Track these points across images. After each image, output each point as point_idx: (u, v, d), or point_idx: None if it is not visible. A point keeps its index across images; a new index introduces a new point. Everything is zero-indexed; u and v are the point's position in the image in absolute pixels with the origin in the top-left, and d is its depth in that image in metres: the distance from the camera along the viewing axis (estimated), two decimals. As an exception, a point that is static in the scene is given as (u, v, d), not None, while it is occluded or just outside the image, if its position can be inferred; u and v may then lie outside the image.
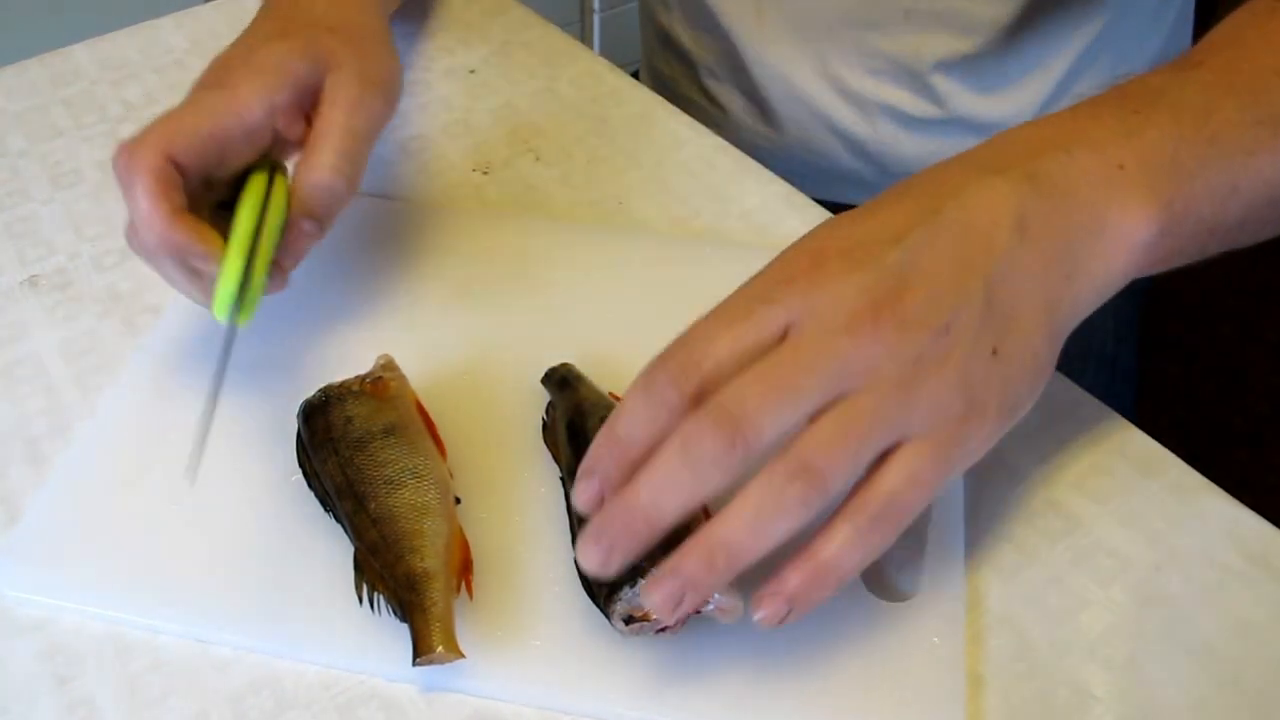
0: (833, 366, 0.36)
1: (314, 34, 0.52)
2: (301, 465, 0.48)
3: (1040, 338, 0.39)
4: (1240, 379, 1.58)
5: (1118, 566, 0.47)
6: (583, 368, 0.52)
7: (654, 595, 0.37)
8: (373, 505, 0.44)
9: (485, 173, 0.67)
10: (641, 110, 0.71)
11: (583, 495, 0.38)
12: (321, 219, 0.50)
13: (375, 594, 0.44)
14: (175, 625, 0.46)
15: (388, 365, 0.51)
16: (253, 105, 0.49)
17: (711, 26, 0.80)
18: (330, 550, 0.47)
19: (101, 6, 0.97)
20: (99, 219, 0.65)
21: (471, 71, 0.75)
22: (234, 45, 0.54)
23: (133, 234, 0.49)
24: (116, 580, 0.46)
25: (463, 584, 0.44)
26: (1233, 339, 1.62)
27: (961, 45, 0.72)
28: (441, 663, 0.41)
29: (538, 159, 0.68)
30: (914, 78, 0.74)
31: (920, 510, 0.38)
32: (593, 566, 0.38)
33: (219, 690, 0.44)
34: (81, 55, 0.77)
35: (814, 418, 0.36)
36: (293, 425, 0.50)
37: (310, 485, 0.48)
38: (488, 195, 0.65)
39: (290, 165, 0.52)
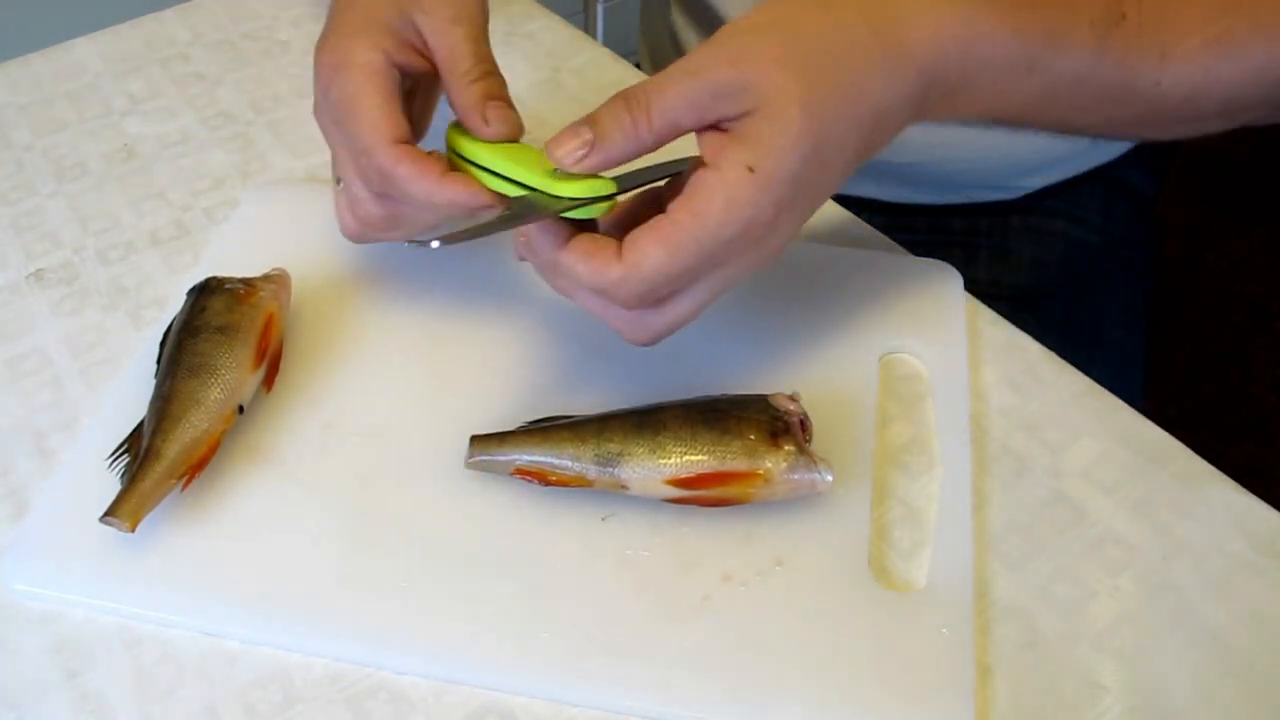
0: None
1: None
2: (165, 332, 0.53)
3: None
4: (1249, 368, 1.57)
5: (1126, 556, 0.47)
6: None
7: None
8: (168, 383, 0.49)
9: (490, 164, 0.66)
10: (646, 101, 0.71)
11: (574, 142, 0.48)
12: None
13: (122, 453, 0.48)
14: (184, 618, 0.46)
15: (271, 276, 0.54)
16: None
17: (718, 24, 0.80)
18: (336, 545, 0.47)
19: (104, 0, 0.97)
20: (104, 213, 0.65)
21: (475, 63, 0.74)
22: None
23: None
24: (125, 573, 0.46)
25: (185, 479, 0.47)
26: (1241, 328, 1.62)
27: None
28: (117, 528, 0.45)
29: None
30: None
31: None
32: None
33: (228, 683, 0.44)
34: (85, 49, 0.77)
35: None
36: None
37: (160, 349, 0.52)
38: (492, 187, 0.65)
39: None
